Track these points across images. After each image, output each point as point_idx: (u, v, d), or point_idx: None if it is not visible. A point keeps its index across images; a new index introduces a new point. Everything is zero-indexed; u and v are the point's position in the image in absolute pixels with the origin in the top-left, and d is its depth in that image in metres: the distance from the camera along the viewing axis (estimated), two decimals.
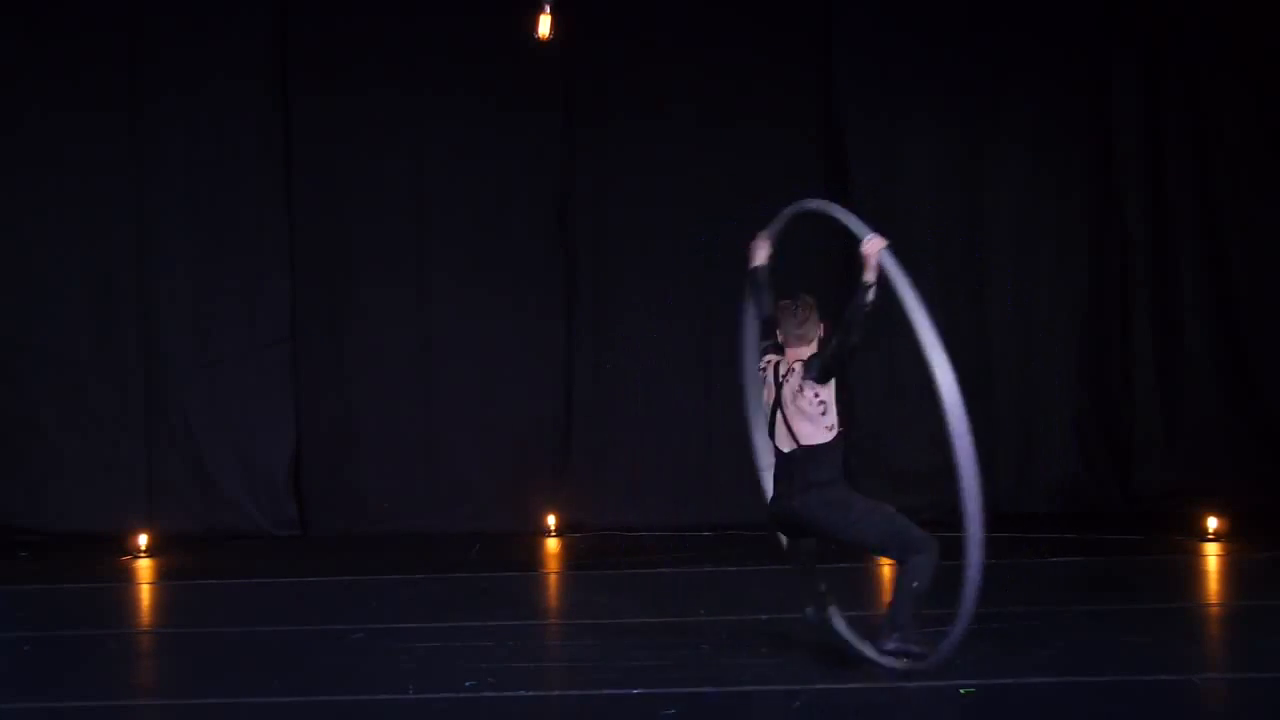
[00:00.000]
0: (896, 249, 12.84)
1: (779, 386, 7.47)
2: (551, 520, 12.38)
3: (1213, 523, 11.47)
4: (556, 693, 7.48)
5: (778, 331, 7.59)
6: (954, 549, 11.52)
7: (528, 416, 12.76)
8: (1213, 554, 11.08)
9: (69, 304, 12.58)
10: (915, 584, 7.36)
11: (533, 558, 11.61)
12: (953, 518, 12.60)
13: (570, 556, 11.71)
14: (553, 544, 12.17)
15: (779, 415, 7.45)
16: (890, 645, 7.33)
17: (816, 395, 7.31)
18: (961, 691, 7.16)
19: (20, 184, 12.55)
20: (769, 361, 7.61)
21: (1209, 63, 12.87)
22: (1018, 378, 12.97)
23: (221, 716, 7.17)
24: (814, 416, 7.33)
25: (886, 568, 9.21)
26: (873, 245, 7.36)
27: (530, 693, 7.37)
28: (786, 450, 7.45)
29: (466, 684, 7.44)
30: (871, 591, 9.66)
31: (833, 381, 7.38)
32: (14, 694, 7.44)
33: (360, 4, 12.77)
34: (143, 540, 11.85)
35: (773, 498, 7.64)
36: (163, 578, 11.18)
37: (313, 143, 12.72)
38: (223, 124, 12.60)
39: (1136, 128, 12.97)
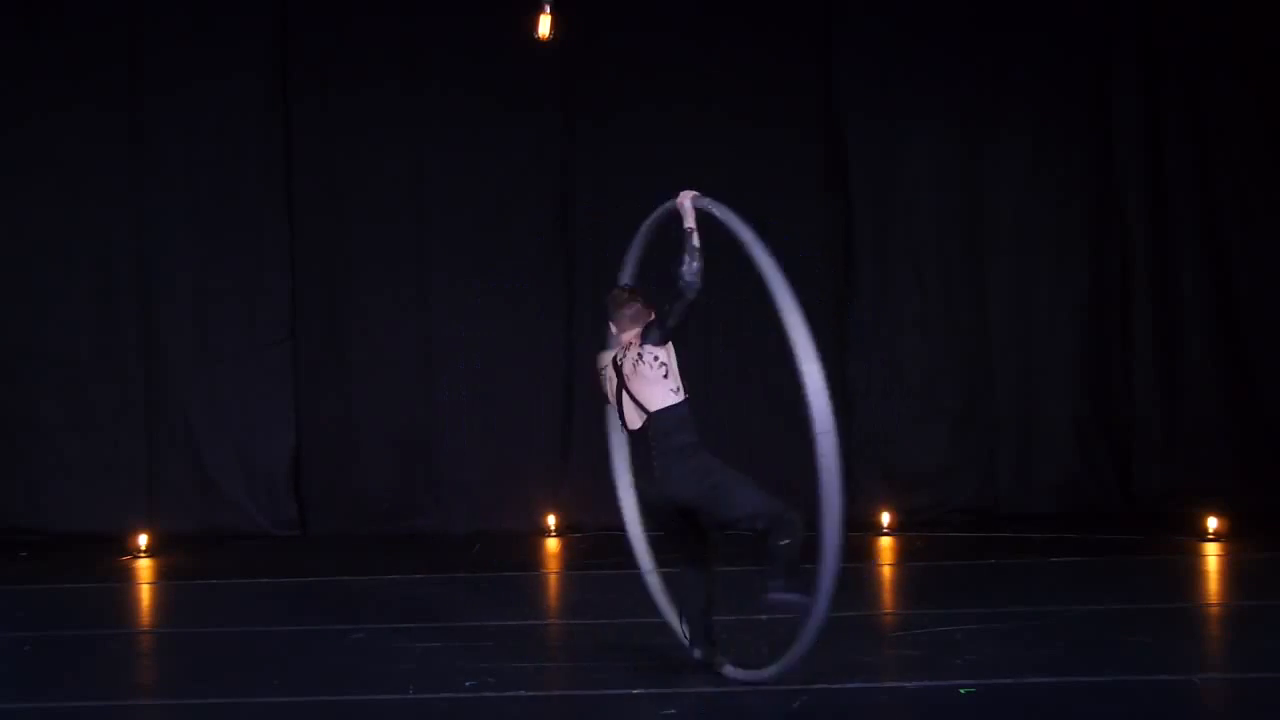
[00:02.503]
0: (897, 249, 13.00)
1: (619, 371, 7.44)
2: (551, 520, 12.37)
3: (1213, 523, 11.46)
4: (556, 693, 7.48)
5: (610, 322, 7.65)
6: (962, 550, 11.59)
7: (528, 416, 12.76)
8: (1213, 554, 11.08)
9: (69, 304, 12.58)
10: (785, 542, 7.12)
11: (533, 558, 11.61)
12: (952, 518, 12.75)
13: (570, 556, 11.70)
14: (553, 544, 12.16)
15: (625, 395, 7.40)
16: (775, 593, 7.15)
17: (656, 358, 7.30)
18: (961, 691, 7.16)
19: (20, 184, 12.55)
20: (604, 359, 7.59)
21: (1209, 63, 12.87)
22: (1018, 377, 12.97)
23: (221, 716, 7.17)
24: (656, 380, 7.29)
25: None
26: (683, 196, 7.69)
27: (530, 693, 7.37)
28: (639, 426, 7.37)
29: (466, 684, 7.44)
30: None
31: (671, 348, 7.41)
32: (14, 694, 7.44)
33: (360, 4, 12.78)
34: (143, 540, 11.85)
35: (646, 486, 7.48)
36: (163, 578, 11.18)
37: (313, 143, 12.72)
38: (223, 124, 12.61)
39: (1136, 128, 12.97)
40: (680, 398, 7.37)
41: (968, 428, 12.94)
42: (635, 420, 7.37)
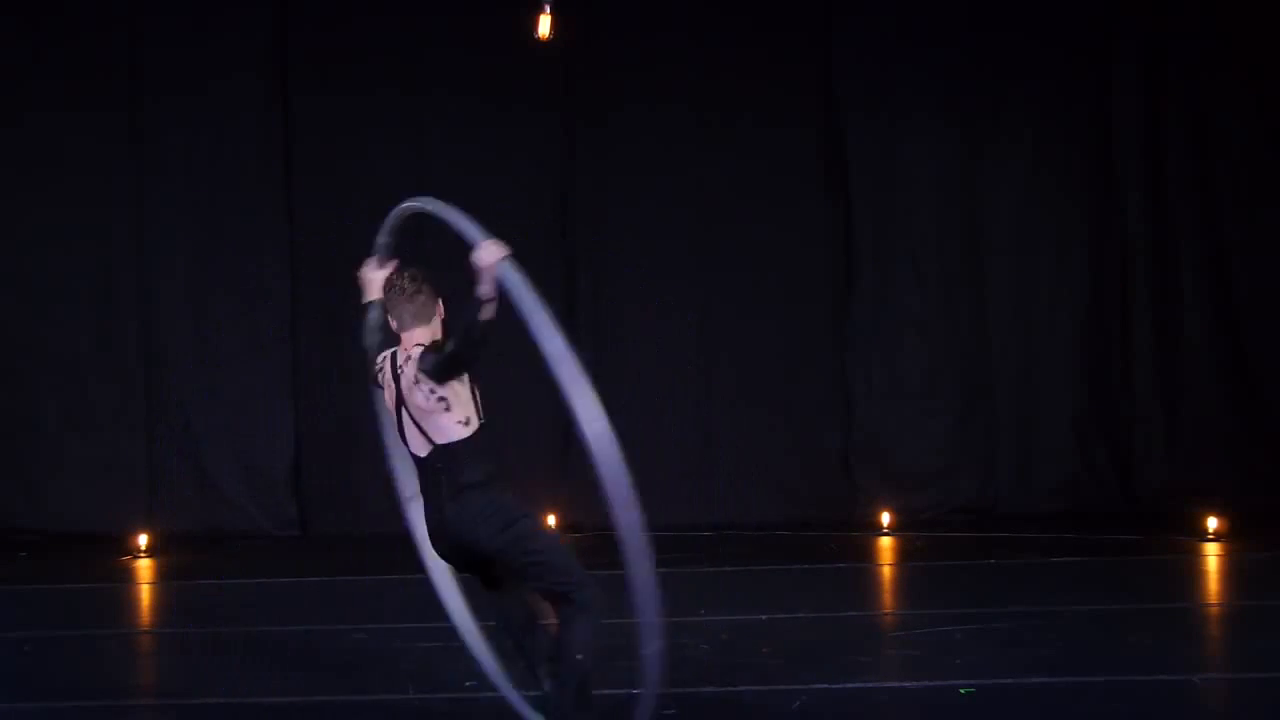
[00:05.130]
0: (897, 249, 13.02)
1: (397, 380, 6.17)
2: (551, 520, 12.36)
3: (1213, 523, 11.45)
4: None
5: (390, 318, 6.43)
6: (962, 550, 11.58)
7: (527, 416, 12.75)
8: (1213, 554, 11.08)
9: (69, 304, 12.57)
10: (580, 657, 6.04)
11: None
12: (953, 518, 12.75)
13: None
14: None
15: (405, 414, 6.14)
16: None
17: (432, 391, 6.02)
18: (961, 691, 7.15)
19: (20, 184, 12.55)
20: (383, 358, 6.37)
21: (1209, 63, 12.87)
22: (1018, 377, 12.97)
23: (221, 716, 7.17)
24: (435, 411, 6.03)
25: None
26: (488, 255, 6.32)
27: (530, 693, 7.36)
28: (423, 454, 6.13)
29: (466, 684, 7.44)
30: None
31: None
32: (14, 694, 7.43)
33: (360, 3, 12.78)
34: (143, 540, 11.84)
35: (426, 516, 6.31)
36: (163, 578, 11.18)
37: (313, 143, 12.72)
38: (223, 124, 12.60)
39: (1136, 128, 12.97)
40: (470, 430, 6.09)
41: (968, 428, 12.93)
42: (420, 447, 6.13)
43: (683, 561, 11.07)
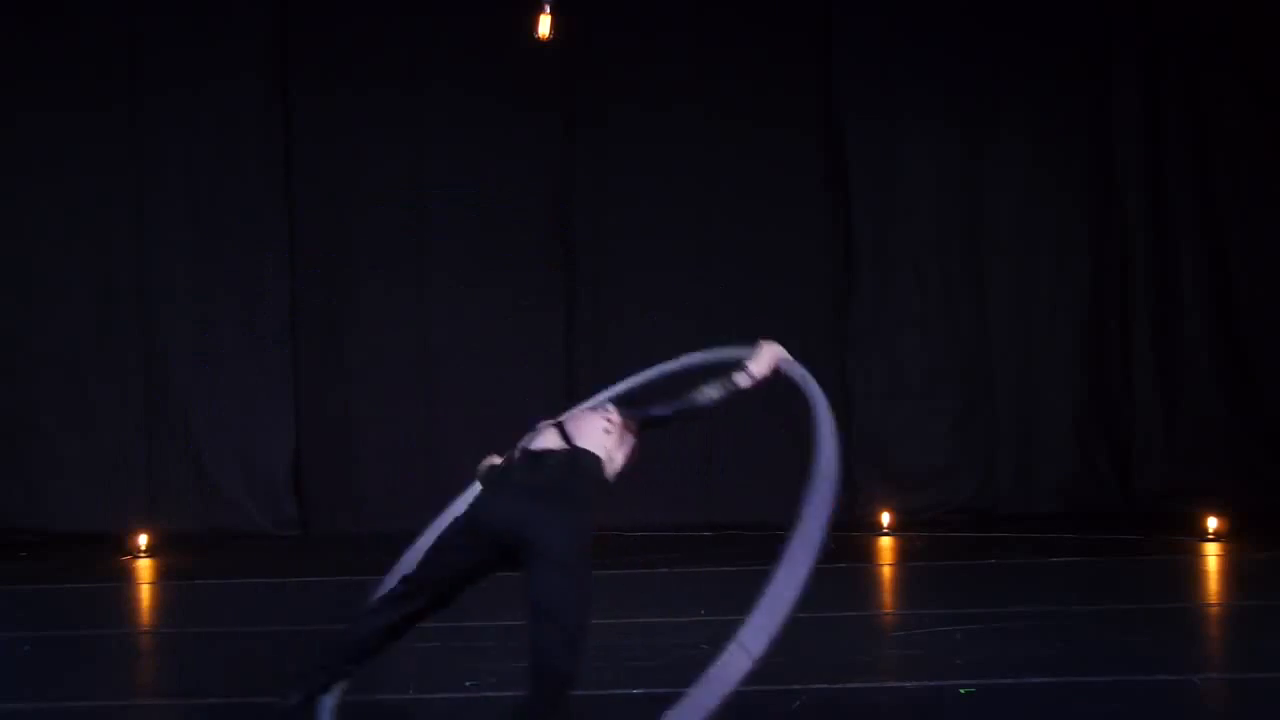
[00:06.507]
0: (897, 249, 13.03)
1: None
2: None
3: (1213, 523, 11.46)
4: None
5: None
6: (962, 550, 11.59)
7: (528, 416, 12.73)
8: (1213, 554, 11.08)
9: (69, 304, 12.57)
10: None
11: None
12: (952, 518, 12.75)
13: None
14: None
15: (551, 427, 6.23)
16: None
17: (610, 419, 6.20)
18: (961, 691, 7.15)
19: (20, 184, 12.55)
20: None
21: (1209, 63, 12.87)
22: (1018, 377, 12.98)
23: (222, 716, 7.16)
24: (595, 427, 6.16)
25: None
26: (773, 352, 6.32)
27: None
28: (545, 448, 6.10)
29: (466, 684, 7.44)
30: None
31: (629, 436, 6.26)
32: (14, 694, 7.43)
33: (360, 4, 12.78)
34: (143, 540, 11.84)
35: (486, 495, 6.08)
36: (163, 578, 11.17)
37: (313, 143, 12.72)
38: (223, 124, 12.61)
39: (1136, 128, 12.97)
40: (606, 458, 6.11)
41: (968, 428, 12.94)
42: (549, 442, 6.14)
43: (683, 561, 11.09)
